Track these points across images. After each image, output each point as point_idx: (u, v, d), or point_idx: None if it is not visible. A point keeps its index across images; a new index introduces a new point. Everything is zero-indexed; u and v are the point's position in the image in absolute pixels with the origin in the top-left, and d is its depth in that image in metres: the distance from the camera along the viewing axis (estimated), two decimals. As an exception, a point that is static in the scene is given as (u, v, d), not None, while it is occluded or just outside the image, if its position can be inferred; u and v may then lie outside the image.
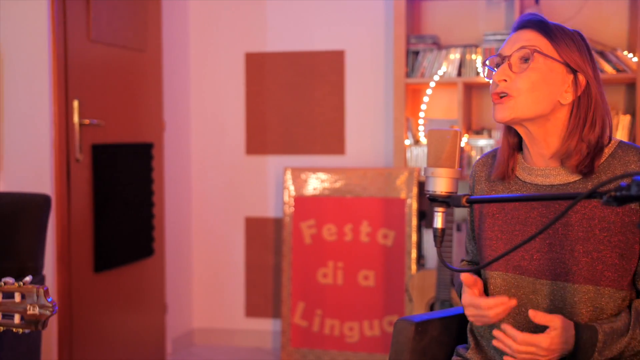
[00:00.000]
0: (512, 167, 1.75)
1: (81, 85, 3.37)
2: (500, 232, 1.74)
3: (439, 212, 1.56)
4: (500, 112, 1.67)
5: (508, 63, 1.67)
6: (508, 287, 1.71)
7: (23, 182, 3.20)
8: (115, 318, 3.65)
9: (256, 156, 4.33)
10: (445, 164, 1.55)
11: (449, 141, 1.56)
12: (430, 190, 1.55)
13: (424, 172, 1.58)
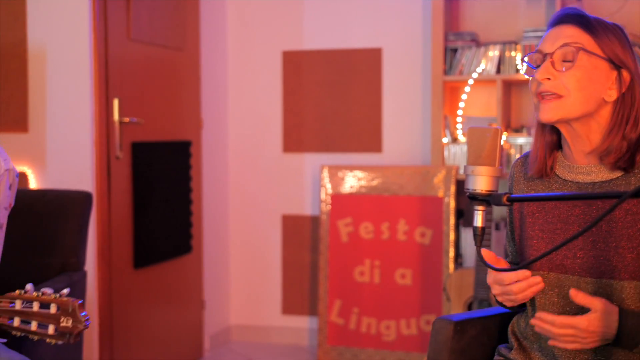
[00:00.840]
0: (550, 165, 1.73)
1: (121, 84, 3.41)
2: (541, 232, 1.72)
3: (479, 210, 1.55)
4: (548, 112, 1.64)
5: (550, 61, 1.65)
6: (551, 287, 1.70)
7: (65, 180, 3.25)
8: (154, 314, 3.69)
9: (293, 154, 4.34)
10: (485, 162, 1.54)
11: (489, 139, 1.54)
12: (471, 189, 1.54)
13: (464, 171, 1.57)
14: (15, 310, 1.64)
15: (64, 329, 1.61)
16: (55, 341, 1.62)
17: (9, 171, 1.93)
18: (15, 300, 1.64)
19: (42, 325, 1.62)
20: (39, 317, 1.62)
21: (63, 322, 1.62)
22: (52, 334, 1.62)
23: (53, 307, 1.62)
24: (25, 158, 3.35)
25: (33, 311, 1.63)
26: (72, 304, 1.61)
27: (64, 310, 1.62)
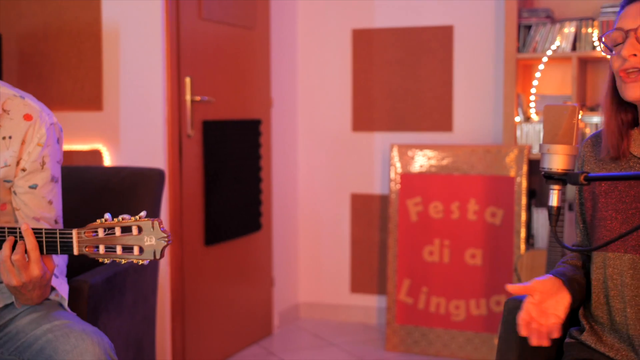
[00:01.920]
0: (627, 144, 1.69)
1: (193, 63, 3.45)
2: (614, 212, 1.67)
3: (554, 190, 1.52)
4: (635, 89, 1.60)
5: (635, 37, 1.60)
6: (626, 268, 1.65)
7: (138, 157, 3.31)
8: (225, 291, 3.74)
9: (362, 133, 4.33)
10: (562, 141, 1.50)
11: (566, 117, 1.51)
12: (546, 168, 1.51)
13: (540, 149, 1.54)
14: (99, 239, 1.68)
15: (148, 248, 1.66)
16: (142, 261, 1.66)
17: (54, 125, 1.98)
18: (97, 229, 1.69)
19: (126, 248, 1.68)
20: (122, 241, 1.67)
21: (146, 241, 1.67)
22: (137, 254, 1.67)
23: (134, 229, 1.67)
24: (100, 136, 3.43)
25: (116, 236, 1.68)
26: (152, 222, 1.66)
27: (146, 229, 1.67)
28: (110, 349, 1.79)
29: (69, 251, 1.72)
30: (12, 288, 1.78)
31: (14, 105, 1.94)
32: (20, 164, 1.93)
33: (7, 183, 1.94)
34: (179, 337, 3.39)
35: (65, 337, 1.77)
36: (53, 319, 1.84)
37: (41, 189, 1.95)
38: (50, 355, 1.76)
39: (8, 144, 1.91)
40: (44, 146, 1.94)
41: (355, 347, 3.91)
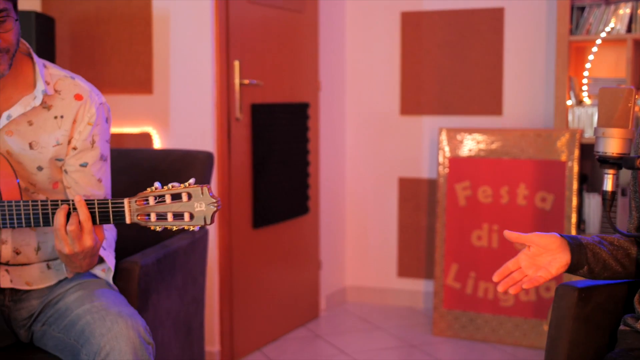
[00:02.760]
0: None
1: (242, 46, 3.46)
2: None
3: (609, 174, 1.49)
4: None
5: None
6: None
7: (187, 140, 3.34)
8: (272, 273, 3.77)
9: (411, 117, 4.30)
10: (617, 124, 1.48)
11: (622, 100, 1.48)
12: (601, 151, 1.48)
13: (594, 133, 1.51)
14: (150, 207, 1.71)
15: (198, 213, 1.68)
16: (193, 227, 1.68)
17: (103, 105, 2.02)
18: (148, 198, 1.71)
19: (177, 215, 1.70)
20: (173, 208, 1.69)
21: (197, 207, 1.69)
22: (188, 220, 1.69)
23: (184, 195, 1.69)
24: (150, 119, 3.46)
25: (166, 204, 1.70)
26: (201, 188, 1.68)
27: (195, 196, 1.69)
28: (145, 332, 1.80)
29: (121, 220, 1.75)
30: (63, 255, 1.82)
31: (65, 86, 1.98)
32: (72, 142, 1.97)
33: (59, 162, 1.98)
34: (226, 319, 3.42)
35: (101, 320, 1.80)
36: (94, 299, 1.87)
37: (91, 167, 1.99)
38: (88, 338, 1.79)
39: (60, 123, 1.95)
40: (94, 125, 1.97)
41: (402, 331, 3.91)
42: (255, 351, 3.61)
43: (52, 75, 1.99)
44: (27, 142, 1.95)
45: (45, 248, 2.02)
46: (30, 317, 2.01)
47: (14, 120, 1.94)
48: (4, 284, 1.98)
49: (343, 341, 3.75)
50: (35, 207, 1.82)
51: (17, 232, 1.98)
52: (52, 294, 1.99)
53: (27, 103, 1.93)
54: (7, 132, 1.94)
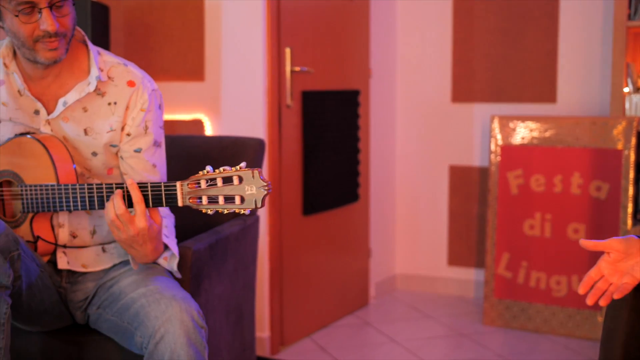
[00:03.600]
0: None
1: (293, 34, 3.46)
2: None
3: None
4: None
5: None
6: None
7: (238, 127, 3.36)
8: (322, 260, 3.77)
9: (462, 104, 4.25)
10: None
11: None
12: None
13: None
14: (201, 190, 1.72)
15: (249, 197, 1.68)
16: (244, 210, 1.69)
17: (156, 91, 2.04)
18: (200, 181, 1.72)
19: (228, 198, 1.70)
20: (224, 192, 1.70)
21: (247, 191, 1.69)
22: (239, 204, 1.69)
23: (235, 179, 1.69)
24: (202, 106, 3.49)
25: (218, 187, 1.71)
26: (252, 172, 1.68)
27: (246, 179, 1.69)
28: (198, 315, 1.82)
29: (174, 203, 1.77)
30: (123, 244, 1.84)
31: (118, 73, 2.01)
32: (125, 128, 1.99)
33: (113, 147, 2.01)
34: (276, 306, 3.44)
35: (156, 303, 1.82)
36: (149, 283, 1.89)
37: (145, 153, 2.01)
38: (142, 321, 1.82)
39: (113, 110, 1.98)
40: (147, 111, 2.00)
41: (452, 320, 3.89)
42: (305, 338, 3.63)
43: (106, 62, 2.02)
44: (82, 128, 1.98)
45: (101, 231, 2.05)
46: (86, 300, 2.05)
47: (69, 107, 1.97)
48: (61, 265, 2.02)
49: (392, 329, 3.75)
50: (90, 191, 1.85)
51: (73, 215, 2.01)
52: (106, 277, 2.03)
53: (81, 89, 1.97)
54: (63, 119, 1.98)
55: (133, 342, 1.87)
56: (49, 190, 1.88)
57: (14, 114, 1.98)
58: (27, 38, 1.86)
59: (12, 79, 1.98)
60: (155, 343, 1.77)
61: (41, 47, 1.87)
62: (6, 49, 1.98)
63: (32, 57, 1.89)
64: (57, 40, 1.87)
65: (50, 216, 1.99)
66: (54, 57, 1.89)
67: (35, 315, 1.98)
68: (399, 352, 3.43)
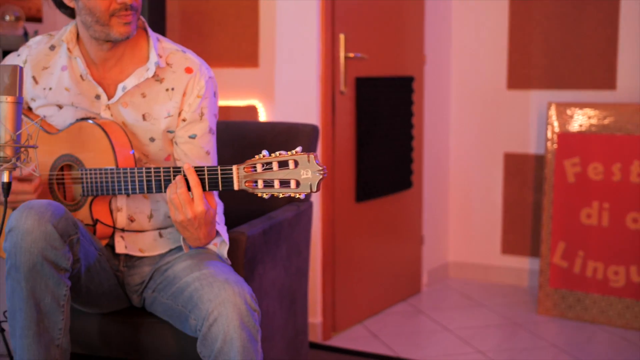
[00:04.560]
0: None
1: (347, 20, 3.45)
2: None
3: None
4: None
5: None
6: None
7: (292, 113, 3.36)
8: (374, 247, 3.77)
9: (518, 91, 4.19)
10: None
11: None
12: None
13: None
14: (257, 174, 1.73)
15: (305, 181, 1.69)
16: (299, 194, 1.70)
17: (212, 79, 2.05)
18: (256, 165, 1.73)
19: (283, 182, 1.71)
20: (279, 175, 1.71)
21: (303, 175, 1.69)
22: (294, 188, 1.70)
23: (291, 163, 1.70)
24: (256, 92, 3.51)
25: (273, 171, 1.71)
26: (308, 156, 1.68)
27: (302, 163, 1.69)
28: (251, 299, 1.83)
29: (230, 186, 1.78)
30: (179, 226, 1.86)
31: (177, 59, 2.03)
32: (181, 114, 2.02)
33: (170, 133, 2.04)
34: (329, 292, 3.45)
35: (209, 287, 1.83)
36: (203, 267, 1.91)
37: (199, 139, 2.03)
38: (196, 304, 1.84)
39: (171, 95, 2.01)
40: (203, 98, 2.02)
41: (506, 309, 3.85)
42: (357, 324, 3.64)
43: (165, 48, 2.04)
44: (140, 114, 2.01)
45: (158, 216, 2.08)
46: (142, 284, 2.08)
47: (128, 92, 2.00)
48: (119, 249, 2.06)
49: (445, 317, 3.73)
50: (148, 174, 1.88)
51: (131, 199, 2.05)
52: (162, 261, 2.06)
53: (140, 75, 2.00)
54: (122, 104, 2.01)
55: (187, 325, 1.89)
56: (108, 174, 1.92)
57: (76, 98, 2.02)
58: (103, 12, 1.89)
59: (74, 63, 2.02)
60: (209, 325, 1.79)
61: (116, 21, 1.90)
62: (70, 34, 2.02)
63: (105, 34, 1.92)
64: (132, 14, 1.91)
65: (109, 200, 2.03)
66: (127, 31, 1.92)
67: (93, 298, 2.02)
68: (452, 341, 3.41)
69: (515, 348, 3.32)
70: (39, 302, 1.77)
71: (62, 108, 2.04)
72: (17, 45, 2.92)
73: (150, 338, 2.08)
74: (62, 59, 2.04)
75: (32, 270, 1.74)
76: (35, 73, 2.06)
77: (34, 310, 1.77)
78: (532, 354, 3.26)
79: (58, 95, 2.03)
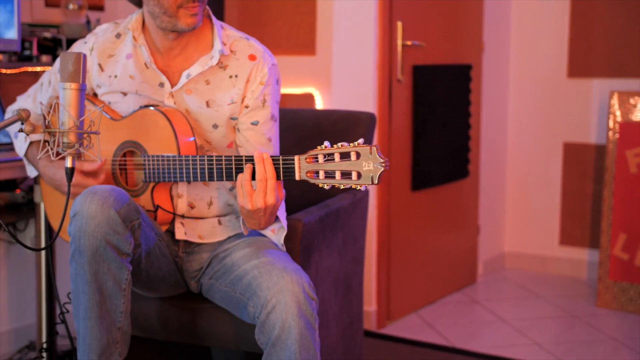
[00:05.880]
0: None
1: (404, 7, 3.42)
2: None
3: None
4: None
5: None
6: None
7: (348, 101, 3.36)
8: (430, 236, 3.75)
9: (579, 79, 4.11)
10: None
11: None
12: None
13: None
14: (319, 164, 1.73)
15: (366, 173, 1.69)
16: (360, 186, 1.70)
17: (275, 66, 2.06)
18: (317, 156, 1.74)
19: (345, 174, 1.71)
20: (341, 167, 1.71)
21: (365, 167, 1.69)
22: (355, 179, 1.70)
23: (353, 154, 1.70)
24: (313, 80, 3.51)
25: (335, 162, 1.71)
26: (370, 148, 1.68)
27: (364, 155, 1.69)
28: (309, 287, 1.83)
29: (291, 177, 1.78)
30: (244, 211, 1.87)
31: (240, 47, 2.05)
32: (244, 101, 2.03)
33: (233, 120, 2.05)
34: (384, 280, 3.45)
35: (268, 275, 1.84)
36: (262, 256, 1.92)
37: (262, 126, 2.05)
38: (255, 291, 1.85)
39: (234, 82, 2.02)
40: (266, 85, 2.03)
41: (564, 300, 3.79)
42: (412, 313, 3.63)
43: (229, 36, 2.06)
44: (204, 101, 2.03)
45: (217, 204, 2.10)
46: (200, 270, 2.10)
47: (192, 79, 2.03)
48: (179, 235, 2.09)
49: (501, 308, 3.69)
50: (210, 162, 1.89)
51: (192, 186, 2.07)
52: (220, 248, 2.08)
53: (205, 62, 2.02)
54: (186, 91, 2.03)
55: (245, 312, 1.91)
56: (170, 161, 1.94)
57: (140, 86, 2.05)
58: (171, 4, 1.92)
59: (139, 52, 2.05)
60: (267, 313, 1.80)
61: (183, 13, 1.93)
62: (136, 23, 2.05)
63: (172, 24, 1.94)
64: (199, 6, 1.93)
65: (170, 187, 2.06)
66: (194, 22, 1.94)
67: (153, 282, 2.05)
68: (507, 332, 3.38)
69: (573, 340, 3.28)
70: (102, 285, 1.81)
71: (126, 95, 2.08)
72: (80, 33, 2.97)
73: (208, 323, 2.11)
74: (127, 47, 2.07)
75: (95, 254, 1.78)
76: (101, 60, 2.09)
77: (96, 293, 1.80)
78: (590, 346, 3.21)
79: (123, 83, 2.06)
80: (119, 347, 1.87)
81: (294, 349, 1.78)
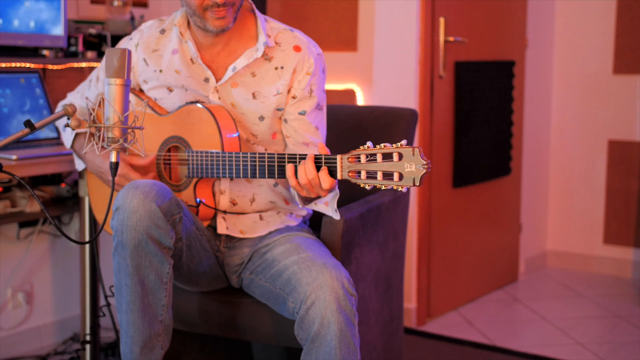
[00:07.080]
0: None
1: (447, 3, 3.40)
2: None
3: None
4: None
5: None
6: None
7: (390, 97, 3.35)
8: (471, 233, 3.72)
9: (625, 76, 4.05)
10: None
11: None
12: None
13: None
14: (361, 164, 1.73)
15: (408, 174, 1.68)
16: (402, 187, 1.69)
17: (320, 55, 2.07)
18: (360, 155, 1.74)
19: (386, 175, 1.70)
20: (383, 167, 1.70)
21: (407, 168, 1.68)
22: (397, 180, 1.69)
23: (395, 155, 1.69)
24: (354, 76, 3.51)
25: (377, 163, 1.71)
26: (413, 150, 1.67)
27: (406, 156, 1.68)
28: (348, 283, 1.84)
29: (333, 175, 1.79)
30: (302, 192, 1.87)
31: (285, 38, 2.06)
32: (291, 92, 2.05)
33: (279, 111, 2.07)
34: (424, 277, 3.43)
35: (307, 270, 1.85)
36: (302, 251, 1.93)
37: (308, 115, 2.06)
38: (294, 287, 1.86)
39: (280, 74, 2.03)
40: (312, 75, 2.04)
41: (607, 300, 3.74)
42: (452, 311, 3.61)
43: (273, 28, 2.07)
44: (250, 93, 2.05)
45: (259, 200, 2.11)
46: (241, 264, 2.12)
47: (238, 73, 2.05)
48: (221, 230, 2.11)
49: (543, 306, 3.65)
50: (253, 160, 1.91)
51: (234, 183, 2.09)
52: (261, 243, 2.09)
53: (250, 55, 2.03)
54: (232, 84, 2.05)
55: (285, 308, 1.92)
56: (214, 157, 1.96)
57: (186, 81, 2.08)
58: (197, 7, 1.95)
59: (185, 47, 2.08)
60: (307, 309, 1.81)
61: (210, 15, 1.95)
62: (182, 18, 2.08)
63: (203, 25, 1.97)
64: (225, 10, 1.94)
65: (213, 183, 2.07)
66: (222, 25, 1.96)
67: (194, 276, 2.07)
68: (549, 331, 3.34)
69: (617, 341, 3.23)
70: (144, 278, 1.83)
71: (172, 91, 2.10)
72: (124, 29, 3.01)
73: (248, 318, 2.12)
74: (172, 43, 2.10)
75: (137, 248, 1.80)
76: (146, 55, 2.12)
77: (138, 287, 1.83)
78: (635, 347, 3.16)
79: (169, 78, 2.09)
80: (161, 339, 1.89)
81: (333, 345, 1.78)
